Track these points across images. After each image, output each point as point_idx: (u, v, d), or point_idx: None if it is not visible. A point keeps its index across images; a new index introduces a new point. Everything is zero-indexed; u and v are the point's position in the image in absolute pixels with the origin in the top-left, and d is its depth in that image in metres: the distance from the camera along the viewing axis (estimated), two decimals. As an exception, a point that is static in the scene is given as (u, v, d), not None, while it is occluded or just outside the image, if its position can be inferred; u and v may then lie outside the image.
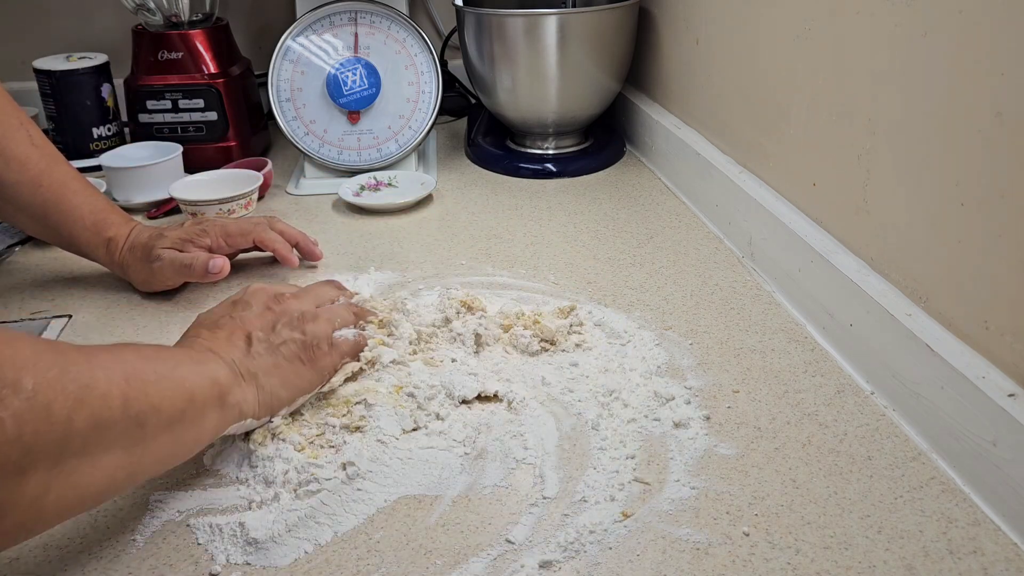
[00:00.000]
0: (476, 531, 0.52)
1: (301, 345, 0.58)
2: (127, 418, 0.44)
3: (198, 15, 1.16)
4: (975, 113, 0.53)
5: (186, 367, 0.51)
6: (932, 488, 0.54)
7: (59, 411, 0.40)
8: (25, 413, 0.39)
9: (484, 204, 1.03)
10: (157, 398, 0.46)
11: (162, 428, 0.47)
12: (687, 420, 0.60)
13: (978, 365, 0.54)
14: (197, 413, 0.50)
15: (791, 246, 0.75)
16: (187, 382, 0.49)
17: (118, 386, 0.44)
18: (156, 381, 0.47)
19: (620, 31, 1.09)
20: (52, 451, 0.40)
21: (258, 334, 0.58)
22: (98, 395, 0.43)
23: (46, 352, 0.42)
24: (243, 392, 0.54)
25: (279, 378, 0.56)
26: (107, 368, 0.44)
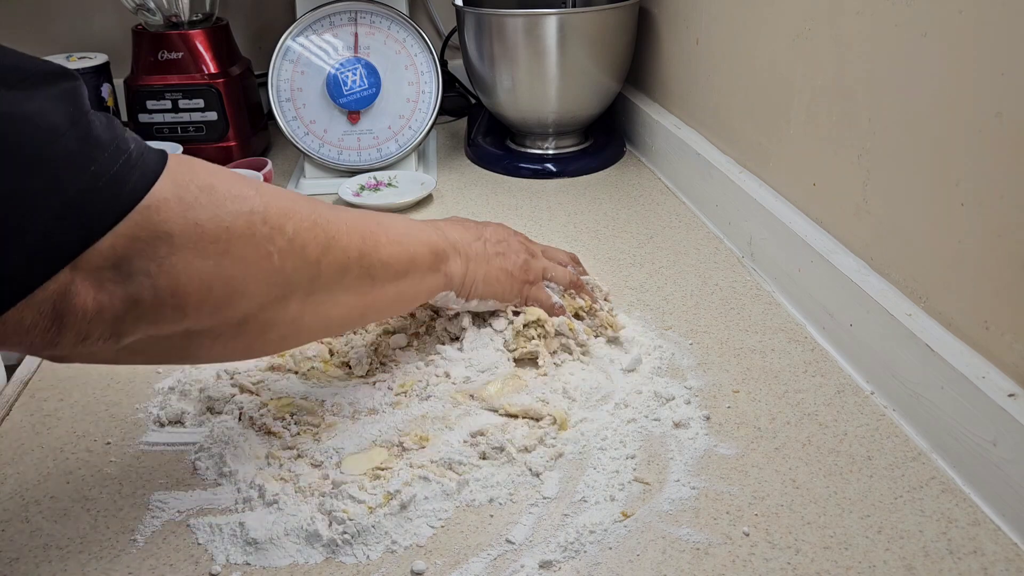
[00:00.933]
0: (476, 531, 0.52)
1: (515, 263, 0.68)
2: (361, 268, 0.54)
3: (198, 15, 1.16)
4: (975, 113, 0.53)
5: (413, 235, 0.60)
6: (932, 488, 0.54)
7: (312, 253, 0.50)
8: (287, 251, 0.48)
9: (484, 204, 1.03)
10: (386, 255, 0.56)
11: (389, 280, 0.56)
12: (687, 420, 0.60)
13: (978, 365, 0.54)
14: (417, 272, 0.59)
15: (791, 246, 0.75)
16: (411, 247, 0.59)
17: (355, 242, 0.53)
18: (387, 243, 0.56)
19: (620, 31, 1.09)
20: (305, 284, 0.50)
21: (489, 238, 0.67)
22: (340, 246, 0.52)
23: (304, 206, 0.51)
24: (455, 265, 0.63)
25: (485, 271, 0.65)
26: (349, 226, 0.53)
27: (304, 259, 0.49)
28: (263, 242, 0.46)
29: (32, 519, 0.54)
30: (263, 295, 0.47)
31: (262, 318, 0.48)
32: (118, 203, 0.40)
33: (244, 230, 0.45)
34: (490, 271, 0.66)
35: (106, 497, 0.56)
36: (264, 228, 0.46)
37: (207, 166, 0.46)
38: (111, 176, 0.39)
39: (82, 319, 0.40)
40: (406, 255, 0.58)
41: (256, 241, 0.46)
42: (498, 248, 0.67)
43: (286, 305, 0.49)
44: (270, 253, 0.47)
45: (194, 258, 0.43)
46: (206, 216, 0.43)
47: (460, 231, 0.66)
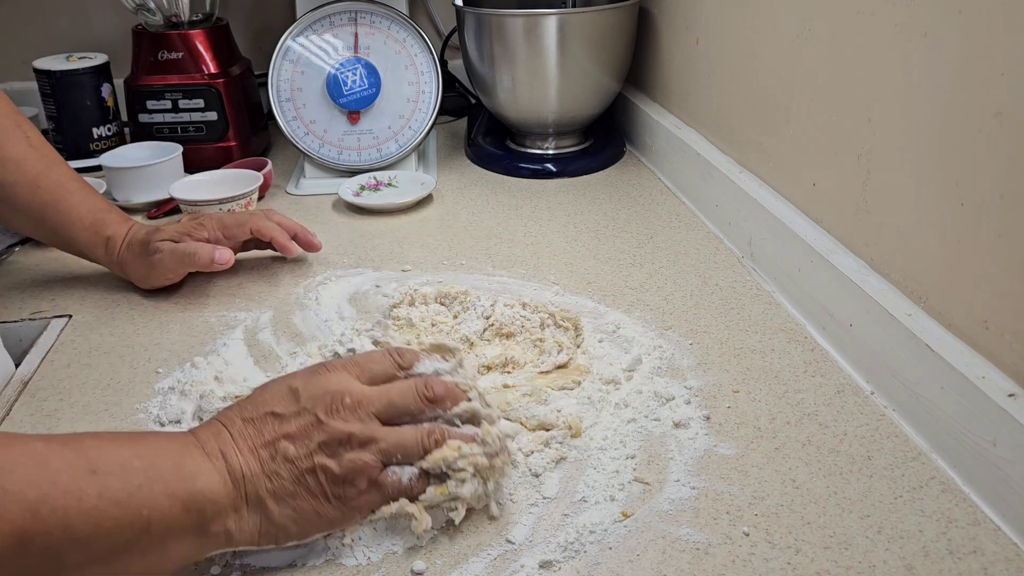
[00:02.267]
0: (476, 531, 0.52)
1: (331, 478, 0.47)
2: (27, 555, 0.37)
3: (198, 15, 1.16)
4: (975, 113, 0.53)
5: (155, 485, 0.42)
6: (932, 488, 0.54)
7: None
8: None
9: (484, 204, 1.03)
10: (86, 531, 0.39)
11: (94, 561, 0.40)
12: (687, 420, 0.60)
13: (978, 365, 0.54)
14: (155, 541, 0.42)
15: (791, 246, 0.75)
16: (143, 508, 0.41)
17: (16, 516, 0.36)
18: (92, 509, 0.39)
19: (620, 31, 1.09)
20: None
21: (290, 450, 0.47)
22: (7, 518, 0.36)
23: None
24: (238, 520, 0.45)
25: (293, 511, 0.47)
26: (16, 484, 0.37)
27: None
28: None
29: (32, 519, 0.54)
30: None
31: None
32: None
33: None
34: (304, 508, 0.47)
35: (106, 497, 0.55)
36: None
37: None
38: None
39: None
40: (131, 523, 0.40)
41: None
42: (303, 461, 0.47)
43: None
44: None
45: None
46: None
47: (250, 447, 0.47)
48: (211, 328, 0.76)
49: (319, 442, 0.47)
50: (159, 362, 0.71)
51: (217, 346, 0.73)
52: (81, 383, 0.68)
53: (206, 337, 0.74)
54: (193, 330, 0.76)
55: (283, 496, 0.46)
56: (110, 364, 0.71)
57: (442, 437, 0.50)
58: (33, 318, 0.79)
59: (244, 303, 0.80)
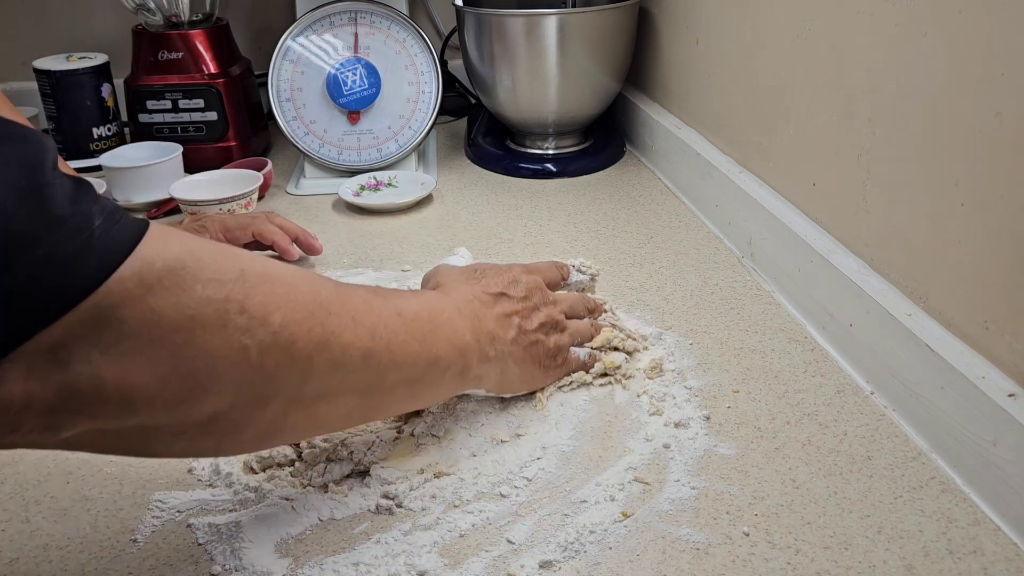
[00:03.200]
0: (476, 531, 0.52)
1: (547, 351, 0.62)
2: (367, 368, 0.47)
3: (198, 15, 1.16)
4: (975, 113, 0.53)
5: (440, 331, 0.53)
6: (932, 488, 0.54)
7: (302, 350, 0.42)
8: (270, 346, 0.41)
9: (484, 204, 1.03)
10: (401, 356, 0.49)
11: (400, 383, 0.50)
12: (687, 420, 0.60)
13: (978, 365, 0.54)
14: (438, 376, 0.53)
15: (791, 246, 0.75)
16: (435, 348, 0.52)
17: (362, 339, 0.46)
18: (404, 341, 0.49)
19: (620, 31, 1.09)
20: (292, 385, 0.43)
21: (524, 325, 0.61)
22: (341, 343, 0.45)
23: (301, 291, 0.43)
24: (487, 369, 0.57)
25: (521, 370, 0.60)
26: (356, 320, 0.46)
27: (291, 356, 0.42)
28: (238, 334, 0.39)
29: (32, 519, 0.54)
30: (235, 394, 0.41)
31: (234, 417, 0.42)
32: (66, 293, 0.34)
33: (213, 320, 0.39)
34: (525, 369, 0.61)
35: (106, 497, 0.56)
36: (240, 319, 0.40)
37: (186, 240, 0.39)
38: (63, 259, 0.34)
39: (8, 409, 0.35)
40: (426, 357, 0.51)
41: (228, 333, 0.39)
42: (531, 336, 0.61)
43: (265, 406, 0.42)
44: (246, 347, 0.40)
45: (147, 348, 0.37)
46: (168, 302, 0.37)
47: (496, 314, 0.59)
48: (211, 328, 0.76)
49: (539, 323, 0.62)
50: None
51: (217, 346, 0.72)
52: (81, 383, 0.68)
53: (206, 337, 0.74)
54: (193, 330, 0.75)
55: (517, 359, 0.60)
56: (110, 364, 0.70)
57: (598, 328, 0.68)
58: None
59: (244, 303, 0.80)
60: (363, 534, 0.52)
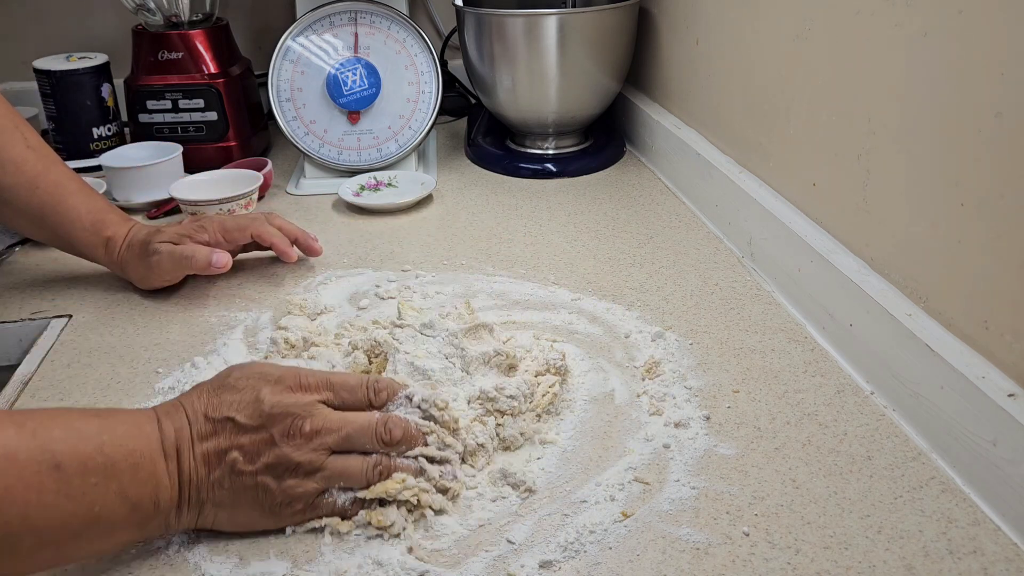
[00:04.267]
0: (476, 531, 0.52)
1: (269, 497, 0.50)
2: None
3: (198, 15, 1.16)
4: (975, 113, 0.53)
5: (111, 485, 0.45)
6: (932, 488, 0.54)
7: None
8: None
9: (484, 204, 1.03)
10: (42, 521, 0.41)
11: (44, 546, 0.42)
12: (687, 420, 0.60)
13: (978, 365, 0.54)
14: (102, 533, 0.45)
15: (791, 246, 0.75)
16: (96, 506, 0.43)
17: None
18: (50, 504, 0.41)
19: (620, 31, 1.09)
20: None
21: (239, 463, 0.49)
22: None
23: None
24: (177, 518, 0.49)
25: (229, 516, 0.50)
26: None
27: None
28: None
29: (32, 519, 0.54)
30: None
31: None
32: None
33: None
34: (236, 514, 0.50)
35: (106, 497, 0.55)
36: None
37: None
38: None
39: None
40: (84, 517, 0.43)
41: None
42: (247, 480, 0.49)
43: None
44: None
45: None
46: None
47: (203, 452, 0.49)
48: (211, 328, 0.76)
49: (265, 463, 0.49)
50: (159, 362, 0.71)
51: (217, 346, 0.73)
52: (81, 383, 0.68)
53: (206, 337, 0.74)
54: (193, 330, 0.76)
55: (222, 503, 0.49)
56: (110, 364, 0.71)
57: (387, 470, 0.52)
58: (33, 318, 0.79)
59: (244, 303, 0.80)
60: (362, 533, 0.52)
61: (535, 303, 0.78)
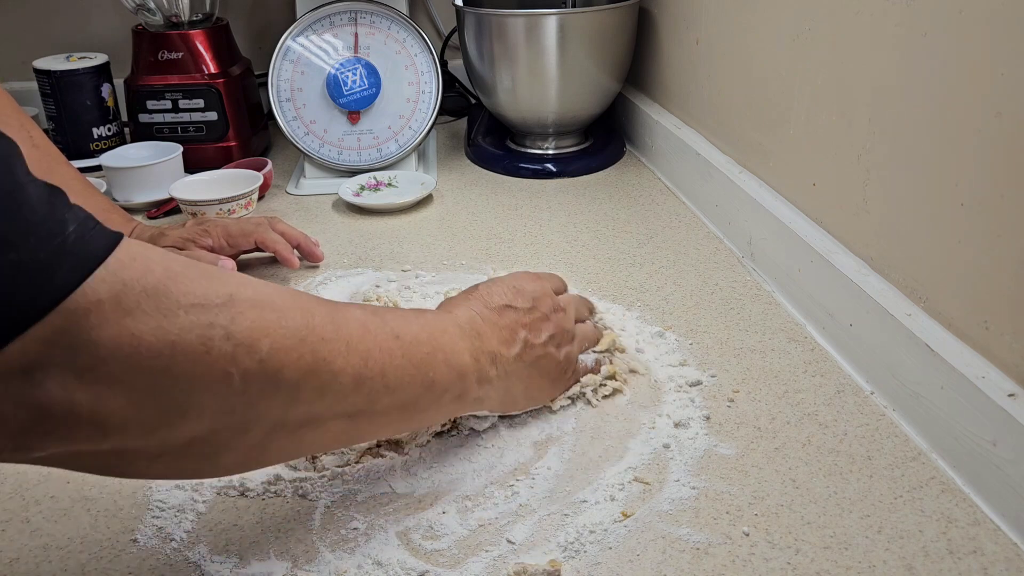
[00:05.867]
0: (476, 531, 0.52)
1: (556, 365, 0.60)
2: (358, 393, 0.45)
3: (198, 15, 1.16)
4: (975, 113, 0.53)
5: (438, 354, 0.51)
6: (932, 488, 0.54)
7: (289, 377, 0.41)
8: (256, 374, 0.39)
9: (484, 204, 1.03)
10: (395, 380, 0.47)
11: (393, 408, 0.48)
12: (687, 420, 0.60)
13: (978, 365, 0.54)
14: (433, 400, 0.51)
15: (791, 246, 0.75)
16: (431, 371, 0.50)
17: (354, 365, 0.44)
18: (399, 365, 0.47)
19: (620, 31, 1.09)
20: (276, 411, 0.41)
21: (531, 339, 0.58)
22: (332, 370, 0.43)
23: (292, 317, 0.42)
24: (488, 391, 0.55)
25: (525, 386, 0.58)
26: (351, 344, 0.44)
27: (277, 384, 0.41)
28: (221, 361, 0.38)
29: (32, 519, 0.54)
30: (215, 419, 0.39)
31: (214, 441, 0.40)
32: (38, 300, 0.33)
33: (196, 346, 0.37)
34: (533, 385, 0.59)
35: (106, 497, 0.56)
36: (226, 345, 0.38)
37: (171, 261, 0.38)
38: (35, 265, 0.32)
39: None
40: (422, 381, 0.49)
41: (211, 360, 0.38)
42: (539, 351, 0.59)
43: (247, 431, 0.41)
44: (230, 375, 0.38)
45: (123, 374, 0.35)
46: (148, 327, 0.35)
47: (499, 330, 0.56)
48: (211, 328, 0.76)
49: (548, 335, 0.59)
50: (159, 362, 0.70)
51: (217, 346, 0.72)
52: (81, 383, 0.68)
53: (206, 337, 0.74)
54: (193, 330, 0.75)
55: (521, 376, 0.58)
56: (110, 364, 0.70)
57: (600, 331, 0.68)
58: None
59: (244, 303, 0.80)
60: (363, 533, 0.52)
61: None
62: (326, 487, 0.55)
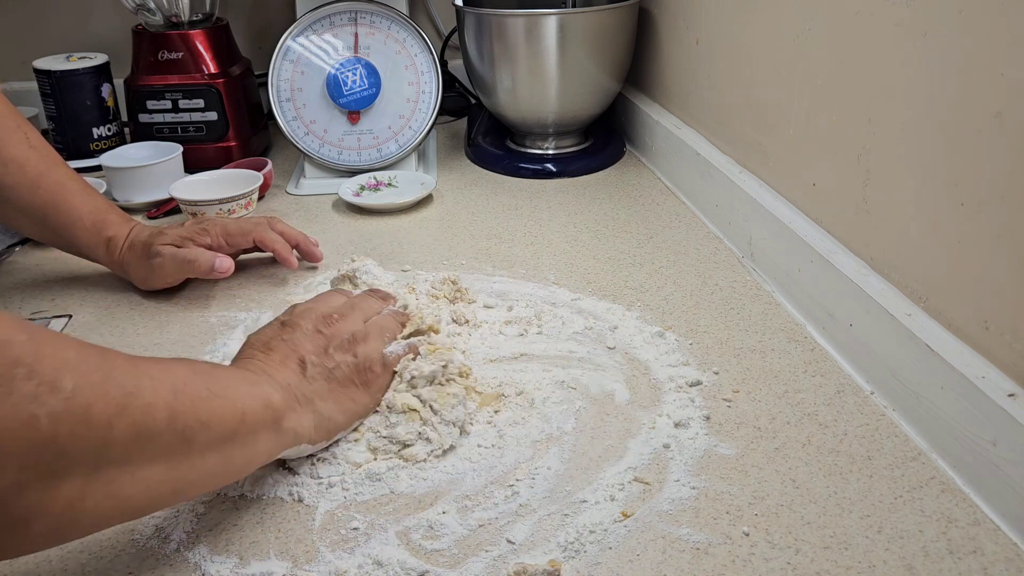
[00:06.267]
0: (476, 531, 0.52)
1: (354, 368, 0.58)
2: (172, 431, 0.43)
3: (198, 15, 1.16)
4: (975, 113, 0.53)
5: (240, 387, 0.50)
6: (932, 488, 0.54)
7: (99, 415, 0.38)
8: (62, 414, 0.37)
9: (484, 204, 1.03)
10: (206, 415, 0.45)
11: (210, 446, 0.46)
12: (687, 420, 0.60)
13: (978, 365, 0.54)
14: (249, 434, 0.48)
15: (791, 246, 0.75)
16: (239, 402, 0.48)
17: (164, 398, 0.42)
18: (207, 397, 0.46)
19: (620, 31, 1.10)
20: (89, 457, 0.38)
21: (311, 358, 0.56)
22: (142, 404, 0.41)
23: (92, 356, 0.40)
24: (299, 417, 0.53)
25: (334, 402, 0.56)
26: (155, 379, 0.43)
27: (88, 424, 0.38)
28: (25, 403, 0.35)
29: (32, 519, 0.54)
30: (20, 471, 0.35)
31: (21, 505, 0.36)
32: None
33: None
34: (341, 398, 0.57)
35: (106, 497, 0.55)
36: (28, 385, 0.35)
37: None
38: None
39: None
40: (233, 412, 0.47)
41: (14, 402, 0.35)
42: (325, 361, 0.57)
43: (58, 486, 0.37)
44: (35, 417, 0.35)
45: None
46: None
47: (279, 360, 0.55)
48: (211, 328, 0.76)
49: (324, 347, 0.58)
50: (159, 362, 0.70)
51: (217, 346, 0.73)
52: (81, 383, 0.68)
53: (206, 337, 0.74)
54: (193, 330, 0.76)
55: (323, 394, 0.56)
56: (110, 364, 0.71)
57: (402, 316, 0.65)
58: (33, 318, 0.79)
59: (244, 303, 0.80)
60: (363, 533, 0.52)
61: (535, 303, 0.78)
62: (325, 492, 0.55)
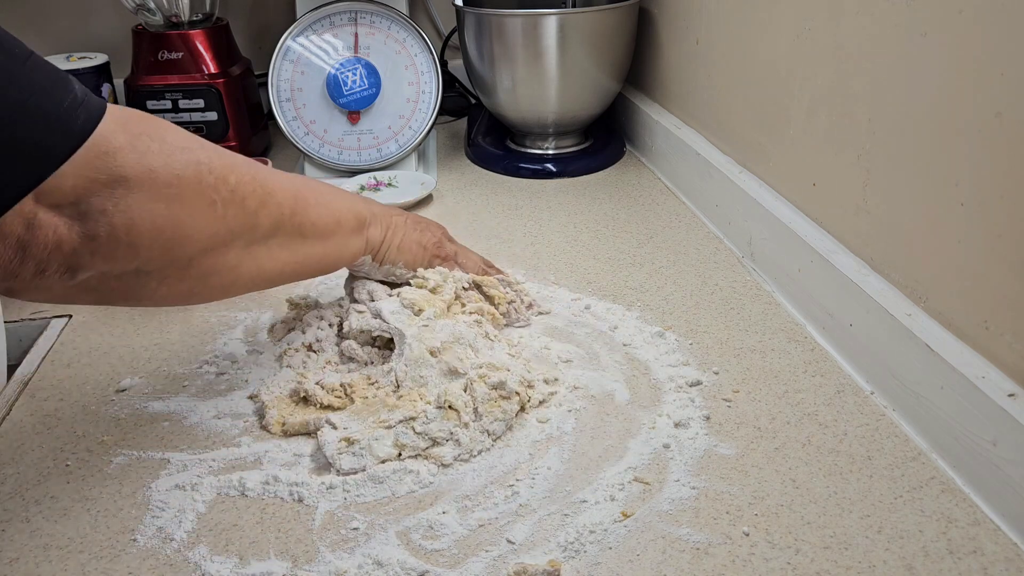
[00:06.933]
0: (476, 531, 0.52)
1: (430, 239, 0.72)
2: (292, 225, 0.58)
3: (198, 15, 1.16)
4: (975, 113, 0.53)
5: (340, 201, 0.64)
6: (932, 488, 0.54)
7: (250, 205, 0.54)
8: (229, 201, 0.52)
9: (484, 204, 1.03)
10: (315, 215, 0.60)
11: (316, 239, 0.61)
12: (687, 420, 0.60)
13: (978, 365, 0.54)
14: (342, 235, 0.64)
15: (791, 246, 0.75)
16: (337, 211, 0.63)
17: (288, 200, 0.58)
18: (315, 204, 0.61)
19: (620, 31, 1.09)
20: (244, 234, 0.55)
21: (410, 217, 0.72)
22: (276, 201, 0.57)
23: (243, 162, 0.55)
24: (375, 231, 0.67)
25: (400, 239, 0.69)
26: (283, 185, 0.58)
27: (244, 210, 0.54)
28: (208, 190, 0.51)
29: (32, 519, 0.54)
30: (207, 240, 0.52)
31: (206, 263, 0.53)
32: (68, 139, 0.44)
33: (193, 178, 0.50)
34: (405, 241, 0.70)
35: (106, 497, 0.56)
36: (210, 178, 0.51)
37: (155, 120, 0.50)
38: (60, 114, 0.43)
39: (43, 250, 0.45)
40: (332, 217, 0.62)
41: (202, 189, 0.50)
42: (417, 226, 0.72)
43: (227, 252, 0.54)
44: (214, 201, 0.51)
45: (148, 201, 0.47)
46: (159, 163, 0.48)
47: (384, 206, 0.70)
48: (211, 328, 0.76)
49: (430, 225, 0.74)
50: (159, 362, 0.71)
51: (217, 346, 0.73)
52: (81, 383, 0.68)
53: (206, 337, 0.74)
54: (193, 330, 0.76)
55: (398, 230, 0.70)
56: (110, 364, 0.71)
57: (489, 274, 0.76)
58: (33, 318, 0.79)
59: (244, 303, 0.80)
60: (363, 533, 0.52)
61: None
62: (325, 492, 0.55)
